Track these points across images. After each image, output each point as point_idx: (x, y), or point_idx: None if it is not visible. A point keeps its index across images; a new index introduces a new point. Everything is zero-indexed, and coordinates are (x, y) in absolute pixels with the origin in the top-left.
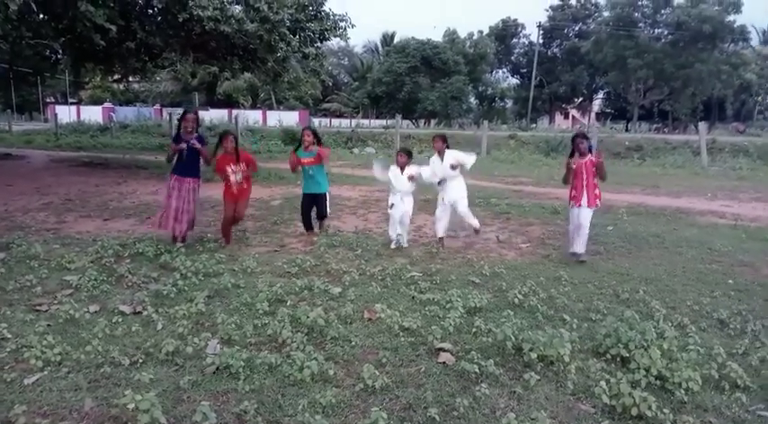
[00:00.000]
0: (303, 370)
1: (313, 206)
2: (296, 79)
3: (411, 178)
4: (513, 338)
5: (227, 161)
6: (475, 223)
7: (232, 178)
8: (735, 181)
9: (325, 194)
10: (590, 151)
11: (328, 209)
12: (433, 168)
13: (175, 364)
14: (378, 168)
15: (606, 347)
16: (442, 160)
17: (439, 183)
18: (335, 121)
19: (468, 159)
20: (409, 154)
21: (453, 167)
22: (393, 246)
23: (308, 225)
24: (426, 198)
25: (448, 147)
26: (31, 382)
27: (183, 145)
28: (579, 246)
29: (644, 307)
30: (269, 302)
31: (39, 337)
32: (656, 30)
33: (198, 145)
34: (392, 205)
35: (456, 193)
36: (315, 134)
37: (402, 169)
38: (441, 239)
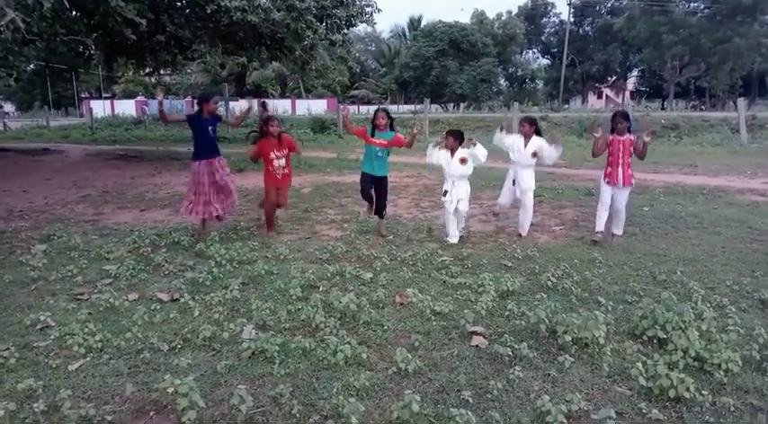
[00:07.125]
0: (337, 354)
1: (373, 185)
2: (323, 67)
3: (463, 161)
4: (546, 321)
5: (270, 146)
6: (526, 226)
7: (275, 163)
8: None
9: (387, 177)
10: (629, 131)
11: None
12: (511, 148)
13: (212, 349)
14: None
15: (643, 328)
16: (526, 145)
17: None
18: (363, 108)
19: (552, 153)
20: (460, 136)
21: (534, 155)
22: (452, 240)
23: (370, 198)
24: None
25: (538, 134)
26: (75, 368)
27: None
28: (618, 228)
29: (682, 288)
30: (302, 288)
31: (81, 325)
32: (691, 4)
33: (160, 105)
34: (445, 191)
35: (527, 183)
36: (388, 115)
37: (453, 152)
38: (496, 215)
